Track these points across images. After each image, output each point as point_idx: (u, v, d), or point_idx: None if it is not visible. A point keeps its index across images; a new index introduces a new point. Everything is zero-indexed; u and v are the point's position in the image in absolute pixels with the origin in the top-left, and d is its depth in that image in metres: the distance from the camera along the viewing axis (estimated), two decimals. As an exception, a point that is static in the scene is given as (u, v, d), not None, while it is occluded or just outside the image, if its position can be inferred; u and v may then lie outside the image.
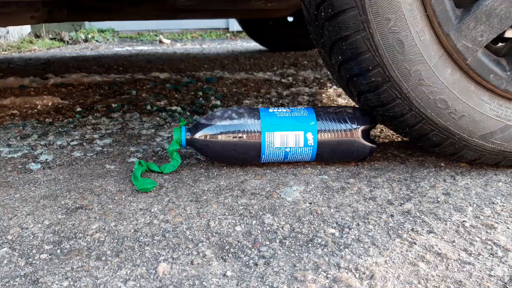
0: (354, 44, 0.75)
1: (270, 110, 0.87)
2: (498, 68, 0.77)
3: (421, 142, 0.86)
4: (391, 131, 1.14)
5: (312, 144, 0.84)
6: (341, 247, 0.60)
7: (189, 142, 0.85)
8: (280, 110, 0.87)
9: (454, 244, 0.61)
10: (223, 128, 0.82)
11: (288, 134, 0.83)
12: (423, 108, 0.77)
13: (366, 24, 0.73)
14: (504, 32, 0.76)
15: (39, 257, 0.59)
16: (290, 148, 0.84)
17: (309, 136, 0.83)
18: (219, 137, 0.82)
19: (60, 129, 1.19)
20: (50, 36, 4.32)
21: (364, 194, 0.77)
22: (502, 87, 0.77)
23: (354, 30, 0.74)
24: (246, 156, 0.85)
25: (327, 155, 0.86)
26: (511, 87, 0.77)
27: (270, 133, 0.83)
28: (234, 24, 4.74)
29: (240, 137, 0.82)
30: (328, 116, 0.85)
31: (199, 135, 0.83)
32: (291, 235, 0.63)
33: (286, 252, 0.59)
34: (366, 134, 0.86)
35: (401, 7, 0.71)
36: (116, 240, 0.62)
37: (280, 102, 1.49)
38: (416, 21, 0.73)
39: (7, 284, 0.53)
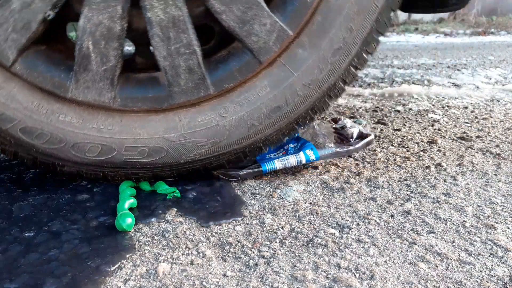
0: None
1: (267, 156, 0.87)
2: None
3: None
4: (391, 131, 1.14)
5: (315, 159, 0.84)
6: (341, 247, 0.60)
7: None
8: (274, 154, 0.88)
9: (454, 244, 0.61)
10: None
11: (288, 158, 0.84)
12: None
13: None
14: None
15: (39, 257, 0.59)
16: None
17: (309, 152, 0.84)
18: None
19: (60, 129, 1.19)
20: (50, 36, 4.30)
21: (364, 194, 0.77)
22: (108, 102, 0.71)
23: None
24: None
25: None
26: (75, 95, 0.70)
27: (269, 163, 0.83)
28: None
29: None
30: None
31: None
32: (291, 235, 0.63)
33: (286, 252, 0.59)
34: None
35: None
36: (116, 240, 0.63)
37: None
38: None
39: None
